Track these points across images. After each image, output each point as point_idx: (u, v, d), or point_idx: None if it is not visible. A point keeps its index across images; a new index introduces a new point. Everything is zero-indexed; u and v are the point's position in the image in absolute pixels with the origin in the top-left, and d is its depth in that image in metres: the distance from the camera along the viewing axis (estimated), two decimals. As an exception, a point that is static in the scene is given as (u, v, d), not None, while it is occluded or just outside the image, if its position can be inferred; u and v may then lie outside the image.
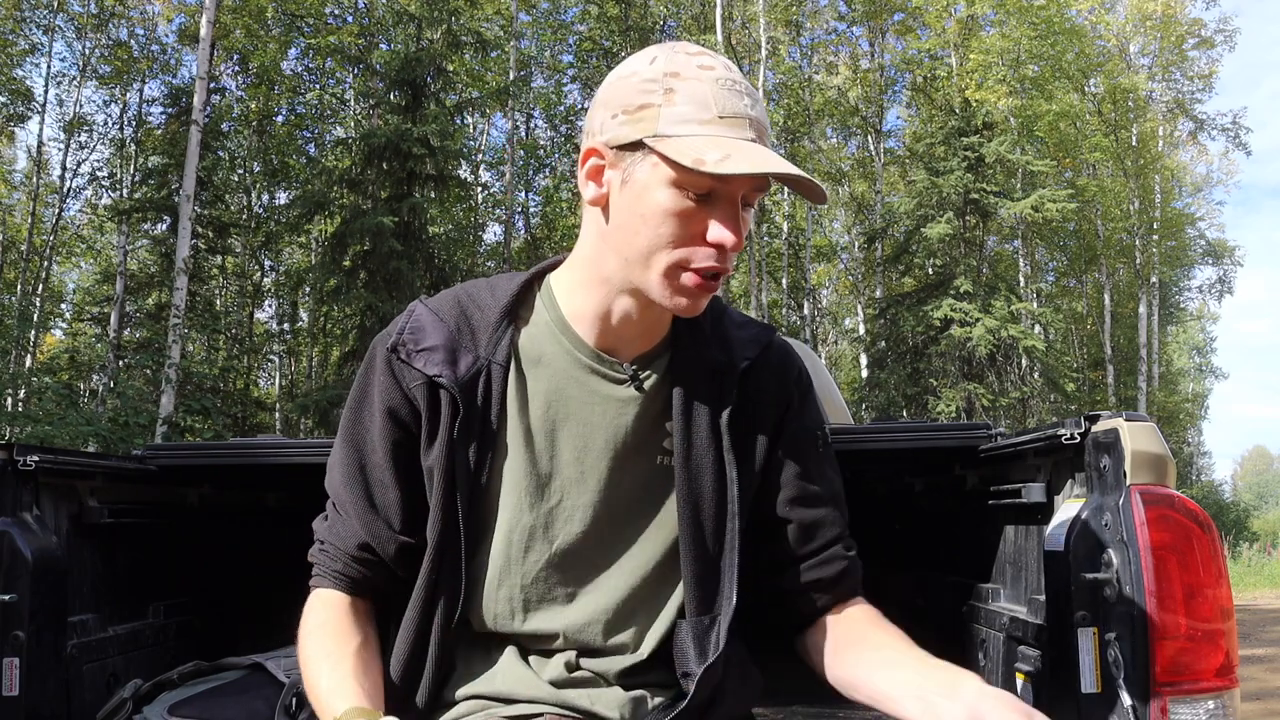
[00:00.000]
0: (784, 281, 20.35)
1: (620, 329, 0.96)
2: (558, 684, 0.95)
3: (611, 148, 0.90)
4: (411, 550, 0.96)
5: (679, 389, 0.96)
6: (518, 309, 0.99)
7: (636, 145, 0.88)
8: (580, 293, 0.96)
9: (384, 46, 15.26)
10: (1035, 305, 17.09)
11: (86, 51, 15.27)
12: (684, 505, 0.95)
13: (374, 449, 0.97)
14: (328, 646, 0.93)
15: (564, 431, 0.96)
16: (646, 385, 0.97)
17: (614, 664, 0.97)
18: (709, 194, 0.87)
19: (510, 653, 0.97)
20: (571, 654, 0.96)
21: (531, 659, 0.97)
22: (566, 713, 0.94)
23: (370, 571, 0.98)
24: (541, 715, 0.94)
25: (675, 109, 0.87)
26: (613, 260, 0.92)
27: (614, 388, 0.97)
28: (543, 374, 0.97)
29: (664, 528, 0.98)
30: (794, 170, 0.85)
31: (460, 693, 0.97)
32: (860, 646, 0.96)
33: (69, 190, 15.89)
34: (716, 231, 0.87)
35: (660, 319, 0.97)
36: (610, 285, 0.94)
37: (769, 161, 0.85)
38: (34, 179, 16.21)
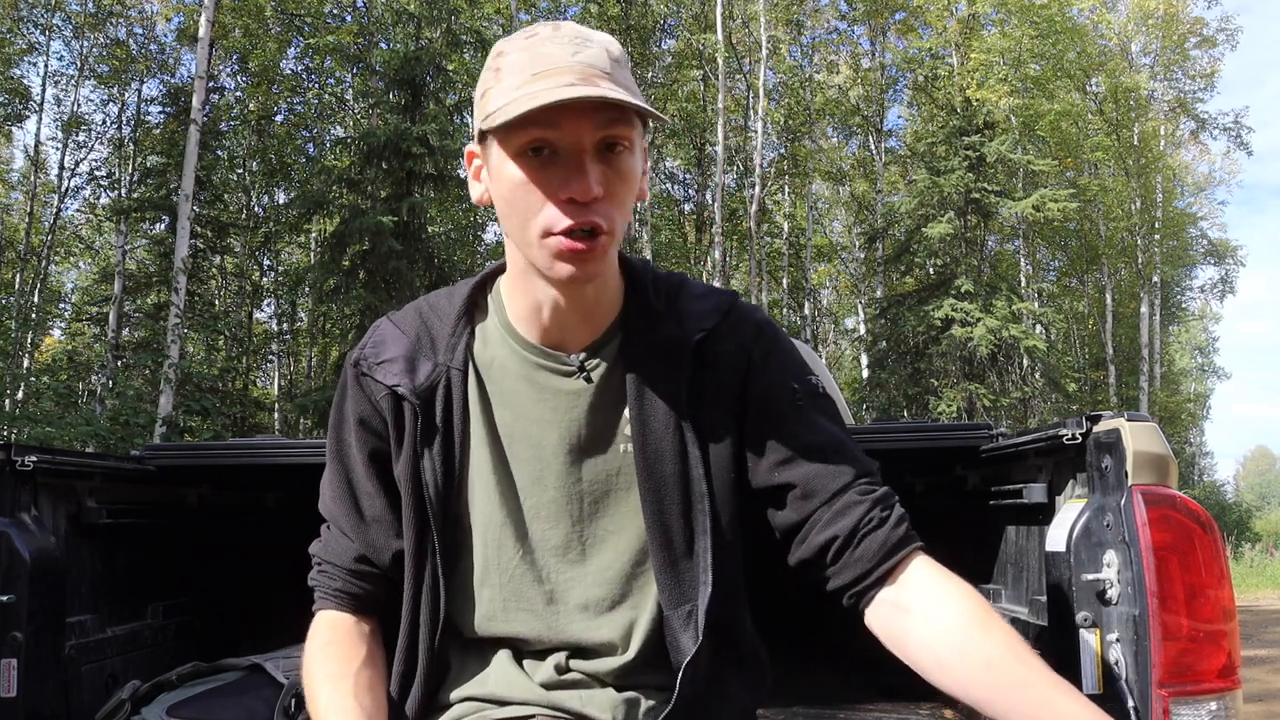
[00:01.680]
0: (784, 281, 20.35)
1: (557, 319, 0.94)
2: (549, 686, 0.95)
3: (478, 145, 0.92)
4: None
5: (632, 373, 0.94)
6: (473, 313, 1.00)
7: (485, 135, 0.89)
8: (515, 291, 0.96)
9: (383, 46, 15.26)
10: (1036, 305, 17.07)
11: (84, 51, 15.26)
12: (646, 492, 0.93)
13: (356, 462, 0.98)
14: (329, 668, 0.94)
15: (519, 431, 0.96)
16: (596, 375, 0.95)
17: (604, 664, 0.96)
18: (551, 152, 0.85)
19: (503, 655, 0.97)
20: (562, 655, 0.96)
21: (525, 661, 0.97)
22: (558, 714, 0.93)
23: (370, 585, 0.99)
24: (533, 717, 0.93)
25: (501, 85, 0.86)
26: (515, 251, 0.92)
27: (563, 381, 0.95)
28: (496, 375, 0.97)
29: (635, 518, 0.95)
30: (585, 91, 0.81)
31: (454, 695, 0.97)
32: (959, 652, 0.85)
33: (67, 190, 15.90)
34: (564, 187, 0.85)
35: (599, 303, 0.95)
36: (529, 276, 0.93)
37: (556, 94, 0.81)
38: (32, 178, 16.21)
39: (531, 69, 0.85)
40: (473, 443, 0.96)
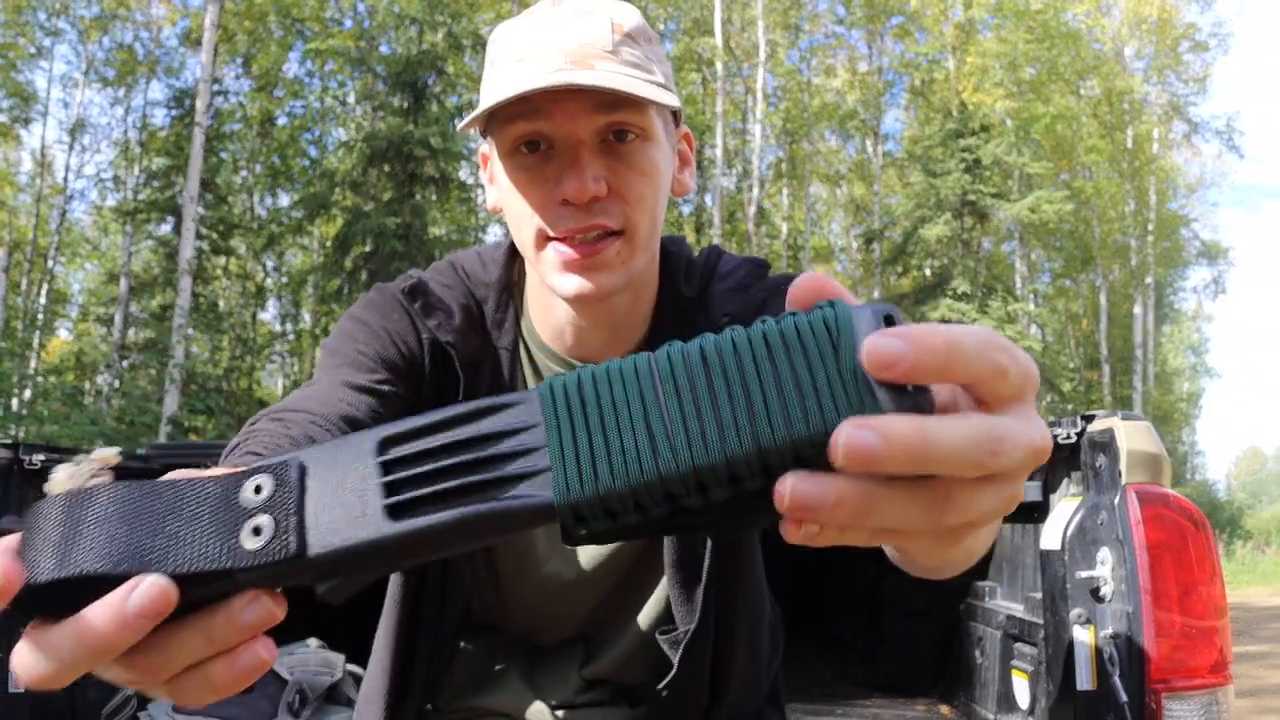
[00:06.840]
0: (783, 283, 20.31)
1: (581, 335, 0.83)
2: (562, 705, 0.89)
3: (489, 145, 0.81)
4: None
5: None
6: (510, 289, 0.88)
7: (485, 133, 0.79)
8: (536, 303, 0.86)
9: (385, 49, 15.26)
10: (1032, 306, 17.10)
11: (89, 55, 15.27)
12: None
13: (366, 361, 0.79)
14: None
15: None
16: None
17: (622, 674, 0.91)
18: (547, 147, 0.74)
19: (513, 667, 0.92)
20: (575, 662, 0.90)
21: (537, 675, 0.91)
22: None
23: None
24: None
25: (490, 75, 0.77)
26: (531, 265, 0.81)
27: None
28: (531, 370, 0.89)
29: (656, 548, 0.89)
30: (568, 78, 0.69)
31: (456, 702, 0.92)
32: None
33: (73, 192, 15.90)
34: (558, 186, 0.73)
35: (631, 316, 0.83)
36: (545, 290, 0.80)
37: (527, 83, 0.69)
38: (38, 181, 16.21)
39: (518, 54, 0.73)
40: None
